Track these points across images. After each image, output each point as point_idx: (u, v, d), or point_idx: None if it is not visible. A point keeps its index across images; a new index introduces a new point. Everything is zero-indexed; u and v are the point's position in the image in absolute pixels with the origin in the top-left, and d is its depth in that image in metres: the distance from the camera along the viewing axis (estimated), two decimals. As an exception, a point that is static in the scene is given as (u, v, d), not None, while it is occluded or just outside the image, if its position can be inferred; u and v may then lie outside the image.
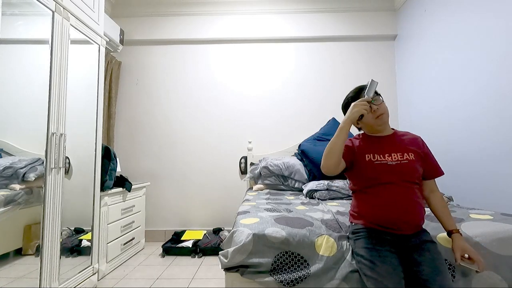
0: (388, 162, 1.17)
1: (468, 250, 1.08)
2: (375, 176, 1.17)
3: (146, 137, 3.14)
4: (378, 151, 1.20)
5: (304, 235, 1.21)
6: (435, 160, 1.26)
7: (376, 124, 1.23)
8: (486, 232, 1.21)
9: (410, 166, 1.17)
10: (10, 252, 1.45)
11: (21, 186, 1.46)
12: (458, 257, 1.08)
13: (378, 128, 1.25)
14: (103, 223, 2.10)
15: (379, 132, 1.27)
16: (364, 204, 1.22)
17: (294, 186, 2.60)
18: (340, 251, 1.18)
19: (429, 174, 1.25)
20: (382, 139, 1.25)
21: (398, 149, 1.20)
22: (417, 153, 1.21)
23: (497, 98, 1.86)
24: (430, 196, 1.25)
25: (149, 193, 3.01)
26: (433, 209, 1.23)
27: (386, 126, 1.27)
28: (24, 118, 1.54)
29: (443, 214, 1.20)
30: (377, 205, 1.17)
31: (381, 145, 1.23)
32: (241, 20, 3.17)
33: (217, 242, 2.62)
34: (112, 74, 2.96)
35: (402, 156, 1.18)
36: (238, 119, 3.15)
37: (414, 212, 1.15)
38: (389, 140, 1.25)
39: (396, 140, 1.25)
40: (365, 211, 1.21)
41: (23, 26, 1.54)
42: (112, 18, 2.91)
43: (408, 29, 2.93)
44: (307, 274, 1.14)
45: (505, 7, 1.81)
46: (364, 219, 1.20)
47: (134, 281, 2.06)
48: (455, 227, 1.16)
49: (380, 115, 1.21)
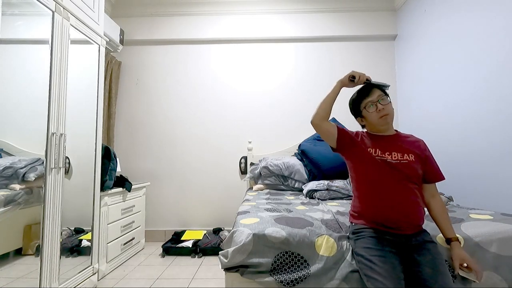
0: (388, 160, 1.18)
1: (466, 260, 1.08)
2: (376, 172, 1.18)
3: (146, 137, 3.14)
4: (380, 148, 1.21)
5: (304, 235, 1.21)
6: (436, 164, 1.26)
7: (379, 124, 1.24)
8: (486, 232, 1.21)
9: (409, 166, 1.17)
10: (10, 252, 1.45)
11: (21, 186, 1.46)
12: (457, 266, 1.08)
13: (381, 128, 1.25)
14: (103, 223, 2.10)
15: (381, 132, 1.27)
16: (364, 204, 1.23)
17: (294, 186, 2.60)
18: (340, 251, 1.18)
19: (430, 178, 1.25)
20: (384, 138, 1.26)
21: (399, 149, 1.21)
22: (418, 156, 1.21)
23: (497, 98, 1.86)
24: (430, 201, 1.24)
25: (149, 193, 3.01)
26: (433, 215, 1.23)
27: (389, 127, 1.27)
28: (24, 118, 1.54)
29: (443, 221, 1.19)
30: (377, 205, 1.18)
31: (382, 143, 1.23)
32: (241, 20, 3.17)
33: (217, 242, 2.62)
34: (112, 74, 2.96)
35: (402, 156, 1.19)
36: (238, 119, 3.15)
37: (414, 212, 1.15)
38: (390, 139, 1.26)
39: (397, 140, 1.26)
40: (366, 211, 1.21)
41: (23, 26, 1.54)
42: (112, 18, 2.91)
43: (408, 29, 2.93)
44: (307, 274, 1.14)
45: (505, 7, 1.81)
46: (364, 218, 1.20)
47: (134, 281, 2.06)
48: (454, 235, 1.16)
49: (384, 115, 1.21)
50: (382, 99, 1.22)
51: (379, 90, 1.25)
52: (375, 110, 1.22)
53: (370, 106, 1.23)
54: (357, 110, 1.30)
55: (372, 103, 1.23)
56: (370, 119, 1.25)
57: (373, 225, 1.16)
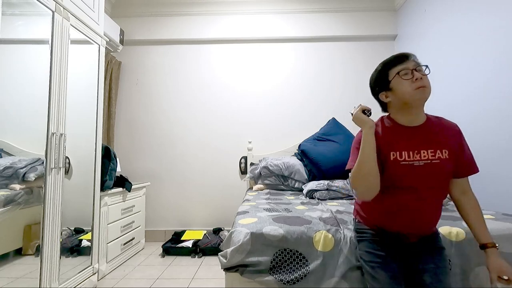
0: (414, 163, 0.98)
1: (506, 271, 0.93)
2: (397, 177, 1.00)
3: (146, 137, 3.15)
4: (407, 148, 0.99)
5: (302, 231, 1.21)
6: (471, 154, 1.06)
7: (413, 96, 0.97)
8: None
9: (441, 166, 0.98)
10: (10, 252, 1.45)
11: (21, 186, 1.46)
12: (494, 278, 0.94)
13: (413, 104, 0.99)
14: (103, 223, 2.10)
15: (410, 115, 1.02)
16: (375, 210, 1.08)
17: (294, 186, 2.60)
18: (338, 246, 1.18)
19: (463, 171, 1.04)
20: (413, 131, 1.02)
21: (431, 144, 1.00)
22: (452, 149, 1.01)
23: (498, 98, 1.86)
24: (461, 199, 1.05)
25: (149, 193, 3.01)
26: (464, 215, 1.05)
27: (421, 110, 1.03)
28: (24, 118, 1.54)
29: (476, 223, 1.01)
30: (390, 212, 1.03)
31: (410, 139, 1.00)
32: (241, 20, 3.17)
33: (217, 242, 2.62)
34: (112, 74, 2.96)
35: (434, 154, 0.98)
36: (238, 119, 3.15)
37: (432, 223, 1.04)
38: (421, 132, 1.02)
39: (429, 132, 1.02)
40: (374, 215, 1.09)
41: (23, 26, 1.54)
42: (112, 18, 2.91)
43: (408, 29, 2.93)
44: (306, 271, 1.14)
45: (505, 6, 1.81)
46: (370, 222, 1.11)
47: (134, 281, 2.06)
48: (490, 240, 0.99)
49: (421, 87, 0.96)
50: (419, 68, 0.98)
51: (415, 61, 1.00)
52: (411, 79, 0.96)
53: (405, 74, 0.98)
54: (383, 80, 1.04)
55: (407, 70, 0.98)
56: (402, 90, 0.98)
57: (378, 227, 1.08)
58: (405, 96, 0.98)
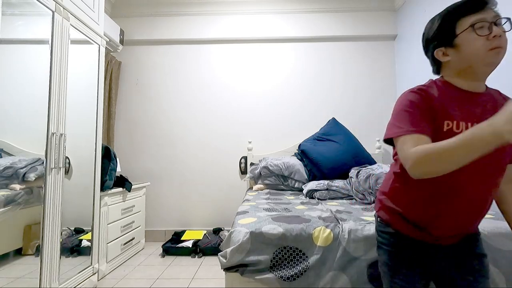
0: None
1: None
2: None
3: (146, 137, 3.15)
4: (466, 118, 0.76)
5: (301, 229, 1.22)
6: None
7: (483, 60, 0.75)
8: (487, 227, 1.22)
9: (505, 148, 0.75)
10: (10, 252, 1.45)
11: (21, 186, 1.46)
12: None
13: (480, 69, 0.77)
14: (103, 223, 2.10)
15: (472, 81, 0.79)
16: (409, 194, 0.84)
17: (294, 186, 2.60)
18: (337, 240, 1.18)
19: None
20: (475, 99, 0.79)
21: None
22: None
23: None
24: (505, 189, 0.86)
25: (149, 193, 3.01)
26: (503, 208, 0.87)
27: (486, 76, 0.80)
28: (24, 118, 1.54)
29: None
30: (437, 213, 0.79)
31: (470, 106, 0.78)
32: (241, 20, 3.17)
33: (217, 242, 2.62)
34: (112, 74, 2.96)
35: None
36: (238, 119, 3.15)
37: (481, 216, 0.83)
38: (481, 100, 0.79)
39: (490, 102, 0.79)
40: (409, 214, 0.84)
41: (23, 26, 1.54)
42: (112, 18, 2.91)
43: (408, 29, 2.93)
44: (306, 267, 1.15)
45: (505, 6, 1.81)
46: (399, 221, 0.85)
47: (134, 281, 2.06)
48: None
49: (498, 48, 0.74)
50: (499, 22, 0.76)
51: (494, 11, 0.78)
52: (487, 35, 0.73)
53: (480, 28, 0.74)
54: (447, 32, 0.79)
55: (484, 22, 0.75)
56: (473, 48, 0.74)
57: (406, 230, 0.84)
58: (474, 58, 0.75)
